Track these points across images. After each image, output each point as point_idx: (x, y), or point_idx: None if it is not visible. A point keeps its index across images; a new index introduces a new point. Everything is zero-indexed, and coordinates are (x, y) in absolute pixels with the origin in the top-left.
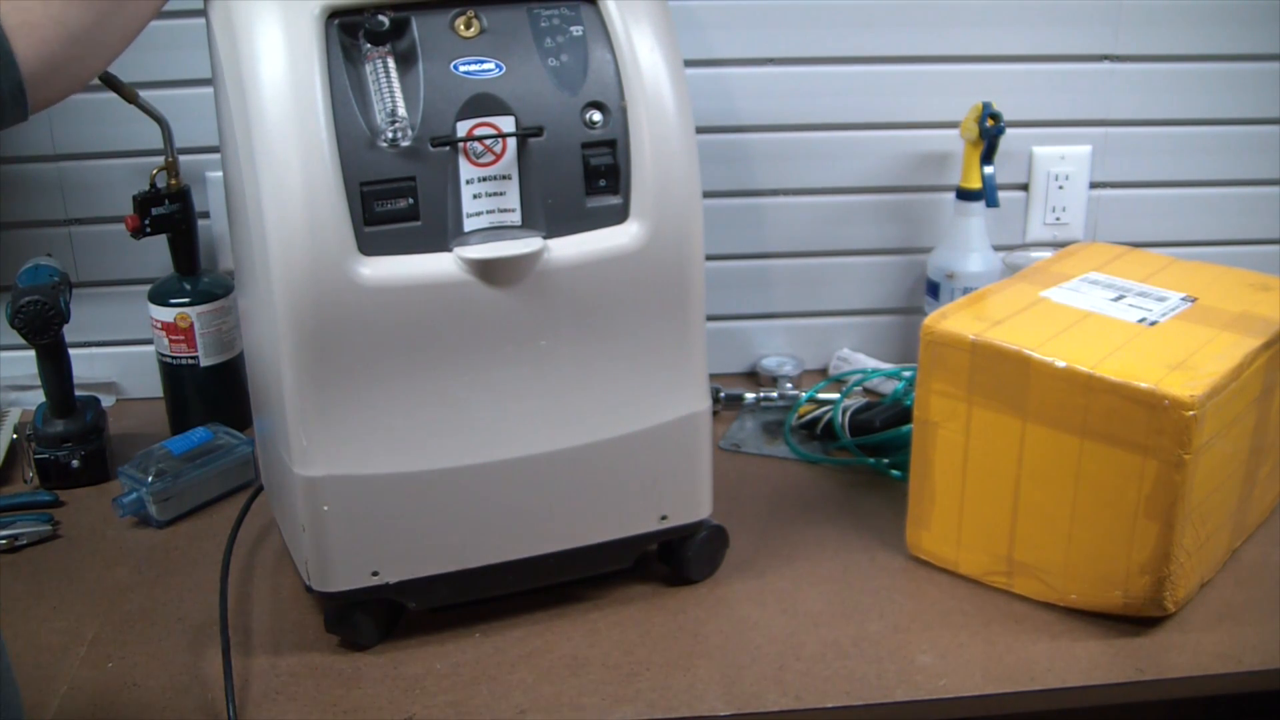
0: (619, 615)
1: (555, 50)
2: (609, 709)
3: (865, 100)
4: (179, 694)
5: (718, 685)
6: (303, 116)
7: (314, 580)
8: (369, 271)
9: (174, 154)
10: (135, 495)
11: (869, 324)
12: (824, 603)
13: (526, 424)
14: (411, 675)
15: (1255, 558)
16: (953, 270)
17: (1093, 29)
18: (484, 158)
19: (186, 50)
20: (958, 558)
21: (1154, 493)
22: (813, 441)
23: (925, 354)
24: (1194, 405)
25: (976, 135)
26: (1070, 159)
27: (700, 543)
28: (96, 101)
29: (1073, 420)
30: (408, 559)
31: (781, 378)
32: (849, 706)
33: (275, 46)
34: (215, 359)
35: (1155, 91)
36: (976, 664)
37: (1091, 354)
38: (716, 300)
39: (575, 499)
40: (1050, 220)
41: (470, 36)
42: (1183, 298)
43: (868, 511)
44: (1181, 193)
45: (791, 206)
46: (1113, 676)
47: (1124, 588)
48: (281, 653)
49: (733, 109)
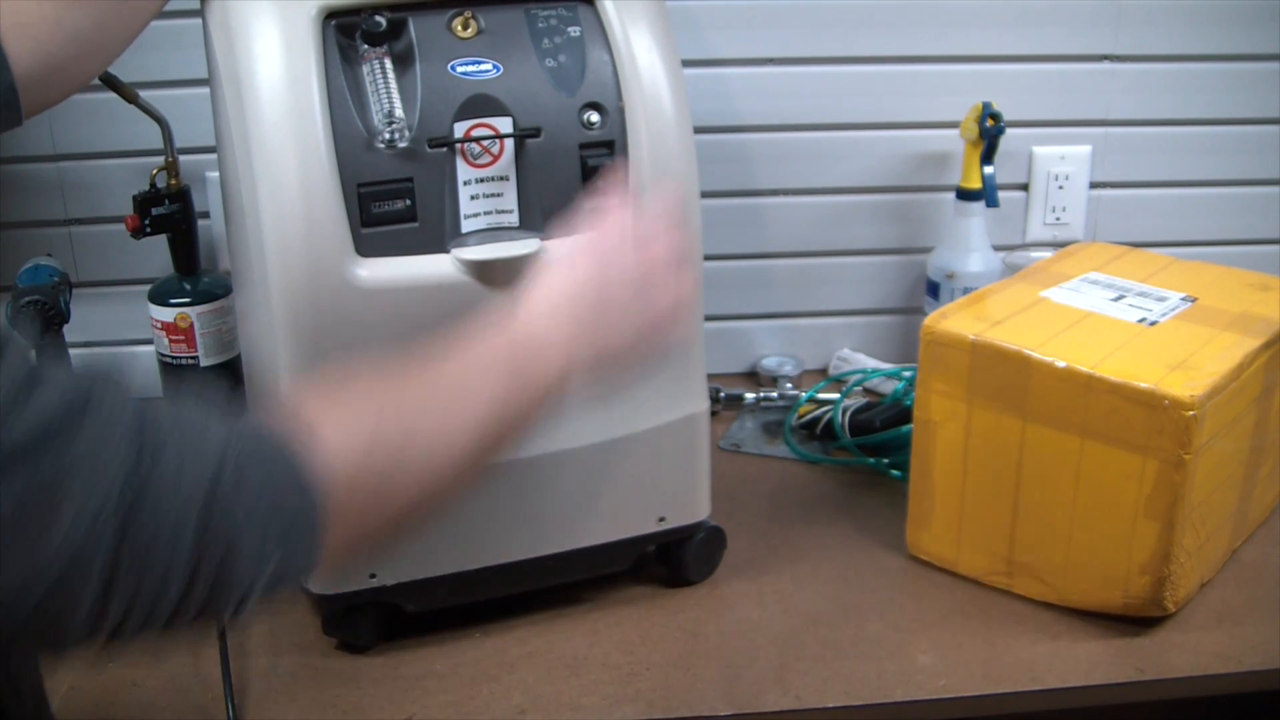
0: (619, 615)
1: (553, 51)
2: (609, 709)
3: (865, 100)
4: (179, 694)
5: (718, 685)
6: (300, 117)
7: (312, 583)
8: (366, 273)
9: (174, 154)
10: None
11: (869, 324)
12: (824, 603)
13: None
14: (411, 675)
15: (1255, 558)
16: (953, 270)
17: (1093, 29)
18: (481, 159)
19: (186, 50)
20: (958, 558)
21: (1154, 493)
22: (813, 441)
23: (925, 354)
24: (1194, 405)
25: (976, 135)
26: (1070, 159)
27: (698, 544)
28: (96, 101)
29: (1073, 420)
30: (405, 561)
31: (781, 378)
32: (849, 706)
33: (272, 47)
34: (215, 359)
35: (1155, 91)
36: (976, 664)
37: (1091, 354)
38: (716, 300)
39: (573, 501)
40: (1050, 220)
41: (468, 37)
42: (1183, 298)
43: (868, 511)
44: (1181, 193)
45: (791, 206)
46: (1113, 676)
47: (1124, 588)
48: (281, 653)
49: (732, 109)
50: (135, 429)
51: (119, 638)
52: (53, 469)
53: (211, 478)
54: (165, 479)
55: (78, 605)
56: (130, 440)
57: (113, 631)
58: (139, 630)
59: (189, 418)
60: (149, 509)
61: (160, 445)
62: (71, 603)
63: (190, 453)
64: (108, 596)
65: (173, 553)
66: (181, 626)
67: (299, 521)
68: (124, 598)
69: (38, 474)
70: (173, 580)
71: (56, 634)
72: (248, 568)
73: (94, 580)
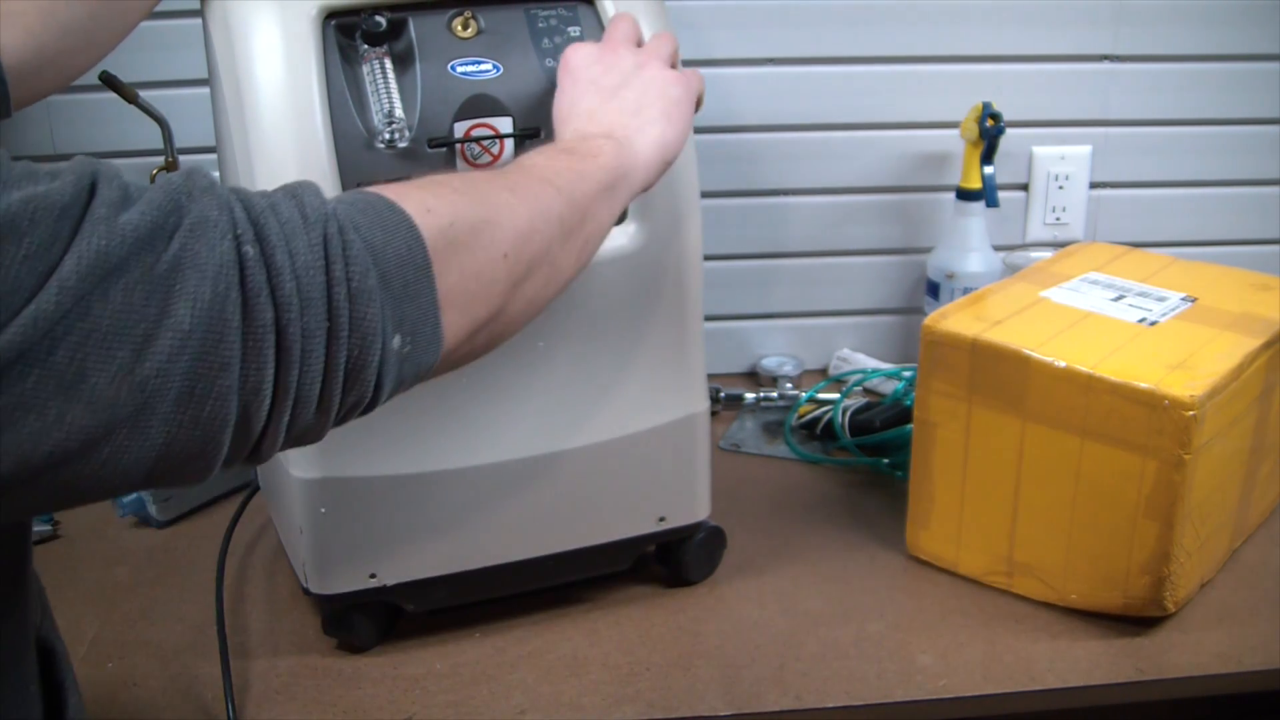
0: (619, 615)
1: (553, 51)
2: (609, 709)
3: (865, 100)
4: (179, 694)
5: (718, 685)
6: (300, 118)
7: (311, 583)
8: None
9: (174, 154)
10: (135, 495)
11: (869, 324)
12: (824, 603)
13: (524, 426)
14: (411, 675)
15: (1255, 558)
16: (953, 270)
17: (1093, 29)
18: (482, 159)
19: (186, 50)
20: (958, 558)
21: (1154, 493)
22: (813, 441)
23: (925, 354)
24: (1194, 405)
25: (976, 135)
26: (1070, 159)
27: (698, 544)
28: (96, 101)
29: (1073, 420)
30: (405, 561)
31: (781, 378)
32: (849, 706)
33: (272, 48)
34: None
35: (1155, 91)
36: (976, 664)
37: (1091, 354)
38: (716, 300)
39: (573, 501)
40: (1050, 220)
41: (467, 37)
42: (1183, 298)
43: (868, 511)
44: (1181, 193)
45: (791, 206)
46: (1113, 676)
47: (1124, 588)
48: (280, 653)
49: (732, 109)
50: (231, 217)
51: (271, 437)
52: (166, 267)
53: (322, 241)
54: (277, 250)
55: (221, 399)
56: (229, 228)
57: (263, 429)
58: (291, 425)
59: (283, 197)
60: (271, 281)
61: (263, 227)
62: (214, 397)
63: (295, 225)
64: (251, 384)
65: (307, 315)
66: (328, 421)
67: (412, 273)
68: (268, 380)
69: (153, 274)
70: (313, 355)
71: (206, 438)
72: (377, 330)
73: (232, 368)
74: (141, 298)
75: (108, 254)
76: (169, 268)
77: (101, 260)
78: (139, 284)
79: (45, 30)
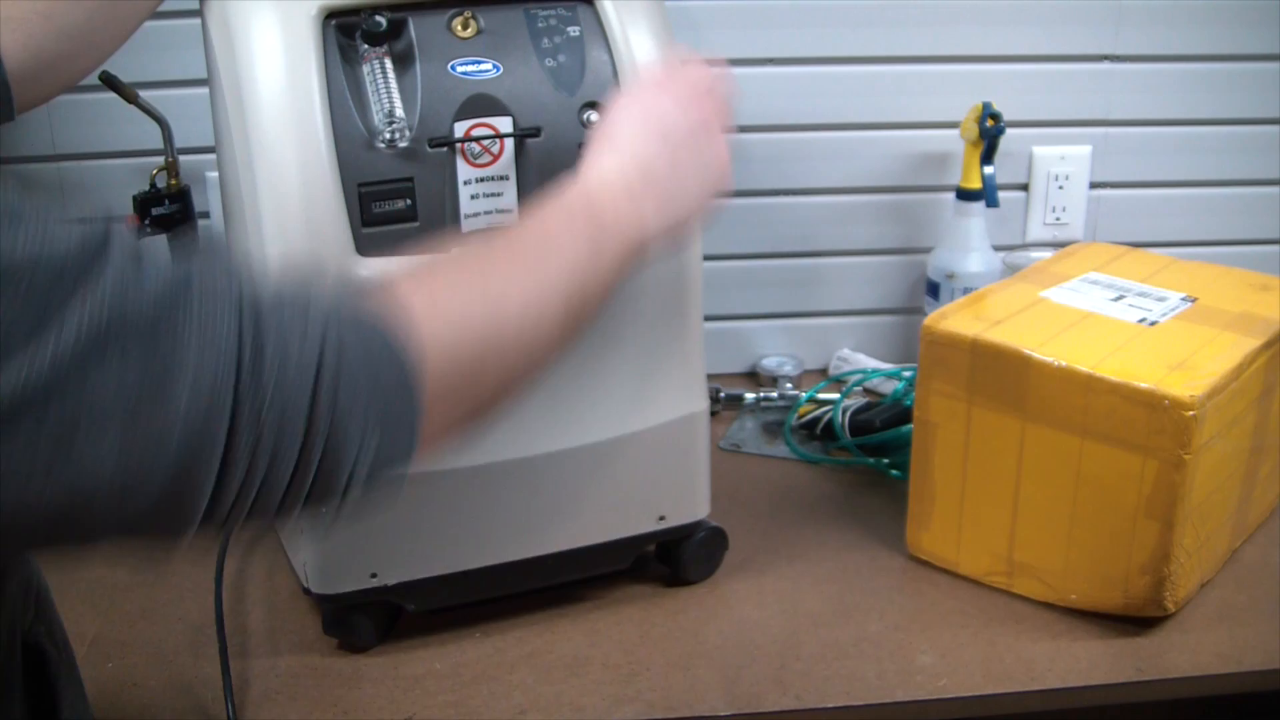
0: (619, 615)
1: (552, 51)
2: (609, 709)
3: (865, 100)
4: (179, 694)
5: (718, 685)
6: (300, 118)
7: (312, 583)
8: (367, 272)
9: (174, 154)
10: None
11: (869, 324)
12: (824, 603)
13: (524, 425)
14: (411, 675)
15: (1255, 558)
16: (953, 270)
17: (1093, 29)
18: (482, 158)
19: (186, 50)
20: (958, 558)
21: (1154, 493)
22: (813, 441)
23: (925, 354)
24: (1194, 405)
25: (976, 135)
26: (1070, 159)
27: (698, 543)
28: (96, 101)
29: (1073, 420)
30: (406, 561)
31: (781, 378)
32: (849, 706)
33: (272, 48)
34: None
35: (1155, 91)
36: (976, 664)
37: (1091, 354)
38: (716, 300)
39: (573, 500)
40: (1050, 220)
41: (467, 37)
42: (1183, 298)
43: (868, 511)
44: (1181, 193)
45: (791, 206)
46: (1113, 676)
47: (1124, 588)
48: (281, 653)
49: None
50: (239, 306)
51: (232, 522)
52: (168, 343)
53: (317, 358)
54: (273, 356)
55: (198, 487)
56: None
57: (227, 516)
58: (253, 514)
59: (290, 296)
60: (260, 385)
61: (264, 326)
62: (192, 484)
63: (294, 331)
64: (225, 477)
65: (285, 427)
66: (291, 512)
67: (398, 400)
68: (239, 478)
69: (156, 349)
70: (285, 457)
71: (179, 518)
72: (352, 447)
73: (213, 460)
74: (137, 372)
75: (108, 326)
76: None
77: (101, 331)
78: (137, 358)
79: (46, 34)
